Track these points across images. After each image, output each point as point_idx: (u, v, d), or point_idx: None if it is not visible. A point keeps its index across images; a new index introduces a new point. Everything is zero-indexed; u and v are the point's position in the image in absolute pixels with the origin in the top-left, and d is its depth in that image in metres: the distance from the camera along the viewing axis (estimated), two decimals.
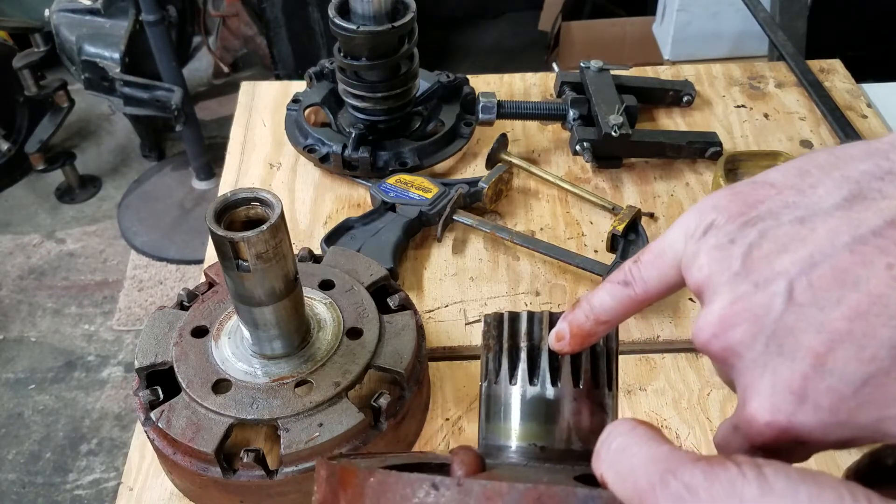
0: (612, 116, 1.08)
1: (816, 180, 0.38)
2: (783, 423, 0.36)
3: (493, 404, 0.47)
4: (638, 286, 0.43)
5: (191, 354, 0.76)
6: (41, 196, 3.02)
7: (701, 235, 0.40)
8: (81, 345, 2.46)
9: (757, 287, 0.37)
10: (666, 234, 0.43)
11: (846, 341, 0.34)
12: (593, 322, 0.45)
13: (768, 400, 0.36)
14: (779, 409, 0.36)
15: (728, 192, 0.40)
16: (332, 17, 1.03)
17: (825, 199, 0.37)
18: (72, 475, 2.12)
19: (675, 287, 0.43)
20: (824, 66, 1.34)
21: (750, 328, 0.37)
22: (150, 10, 2.40)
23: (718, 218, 0.39)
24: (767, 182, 0.40)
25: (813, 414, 0.35)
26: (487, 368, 0.48)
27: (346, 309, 0.80)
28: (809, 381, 0.35)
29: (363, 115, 1.13)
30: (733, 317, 0.37)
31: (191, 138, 2.76)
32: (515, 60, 3.48)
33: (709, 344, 0.38)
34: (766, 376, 0.36)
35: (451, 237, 1.04)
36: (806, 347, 0.35)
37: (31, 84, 2.73)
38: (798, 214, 0.37)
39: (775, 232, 0.37)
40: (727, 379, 0.41)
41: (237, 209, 0.67)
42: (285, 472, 0.71)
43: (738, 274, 0.37)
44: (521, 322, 0.47)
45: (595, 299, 0.45)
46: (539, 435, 0.45)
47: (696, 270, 0.39)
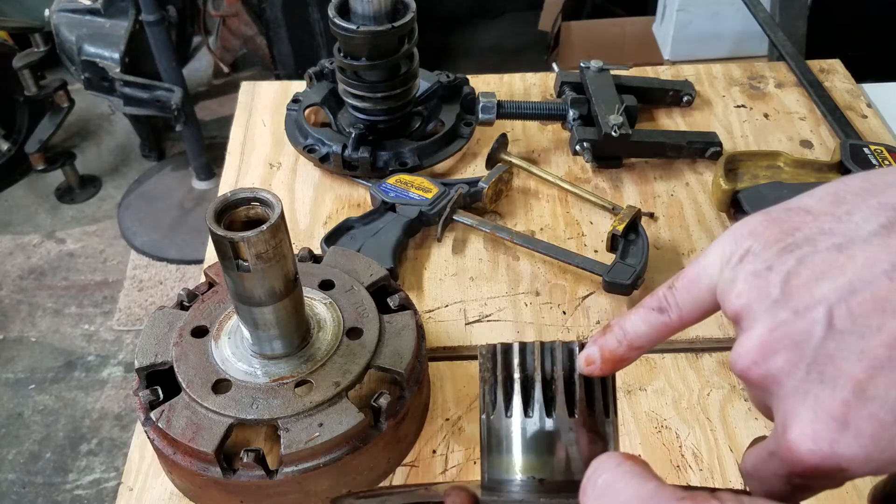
0: (612, 116, 1.08)
1: (852, 207, 0.38)
2: (825, 450, 0.35)
3: (492, 437, 0.46)
4: (673, 312, 0.43)
5: (191, 354, 0.76)
6: (41, 196, 3.02)
7: (738, 262, 0.40)
8: (81, 345, 2.46)
9: (797, 314, 0.36)
10: (700, 259, 0.42)
11: (887, 368, 0.34)
12: (626, 348, 0.45)
13: (810, 427, 0.36)
14: (821, 437, 0.35)
15: (764, 218, 0.40)
16: (332, 17, 1.03)
17: (862, 226, 0.37)
18: (72, 475, 2.12)
19: (710, 312, 0.43)
20: (824, 66, 1.34)
21: (790, 356, 0.36)
22: (150, 10, 2.40)
23: (755, 244, 0.39)
24: (803, 208, 0.39)
25: (855, 441, 0.35)
26: (484, 401, 0.47)
27: (346, 309, 0.80)
28: (851, 408, 0.35)
29: (363, 115, 1.13)
30: (773, 344, 0.37)
31: (191, 138, 2.76)
32: (515, 60, 3.48)
33: (749, 371, 0.38)
34: (807, 404, 0.36)
35: (451, 237, 1.04)
36: (847, 375, 0.35)
37: (31, 84, 2.73)
38: (835, 241, 0.37)
39: (813, 259, 0.37)
40: (763, 405, 0.41)
41: (237, 209, 0.67)
42: (285, 472, 0.71)
43: (777, 301, 0.37)
44: (514, 353, 0.46)
45: (629, 325, 0.45)
46: (537, 467, 0.44)
47: (735, 297, 0.39)
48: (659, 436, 0.81)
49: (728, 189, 1.01)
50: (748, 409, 0.83)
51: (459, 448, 0.81)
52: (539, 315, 0.94)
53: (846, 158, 1.04)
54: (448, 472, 0.79)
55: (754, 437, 0.44)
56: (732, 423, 0.82)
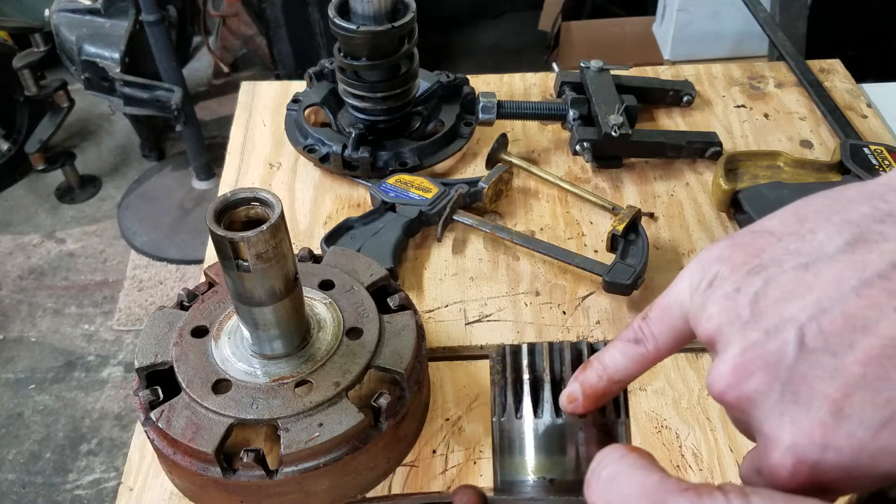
0: (612, 116, 1.08)
1: (815, 225, 0.38)
2: (806, 473, 0.35)
3: (504, 439, 0.47)
4: (649, 343, 0.44)
5: (191, 354, 0.76)
6: (41, 196, 3.02)
7: (706, 287, 0.40)
8: (81, 345, 2.46)
9: (768, 334, 0.36)
10: (670, 289, 0.43)
11: (861, 386, 0.34)
12: (606, 382, 0.45)
13: (789, 452, 0.36)
14: (801, 461, 0.35)
15: (729, 243, 0.40)
16: (332, 17, 1.03)
17: (827, 243, 0.37)
18: (72, 475, 2.12)
19: (686, 340, 0.43)
20: (824, 66, 1.34)
21: (764, 377, 0.36)
22: (150, 10, 2.40)
23: (722, 269, 0.39)
24: (767, 230, 0.40)
25: (835, 461, 0.35)
26: (495, 403, 0.47)
27: (346, 309, 0.80)
28: (828, 429, 0.35)
29: (363, 115, 1.13)
30: (747, 365, 0.37)
31: (191, 138, 2.76)
32: (515, 60, 3.48)
33: (724, 395, 0.38)
34: (784, 426, 0.36)
35: (451, 237, 1.04)
36: (822, 395, 0.35)
37: (31, 84, 2.73)
38: (801, 261, 0.37)
39: (780, 279, 0.37)
40: (744, 428, 0.41)
41: (237, 209, 0.67)
42: (285, 472, 0.71)
43: (747, 322, 0.37)
44: (522, 355, 0.47)
45: (607, 359, 0.45)
46: (548, 467, 0.45)
47: (706, 321, 0.39)
48: (659, 436, 0.81)
49: (728, 189, 1.01)
50: None
51: (459, 448, 0.81)
52: (539, 315, 0.94)
53: (846, 158, 1.04)
54: (448, 472, 0.79)
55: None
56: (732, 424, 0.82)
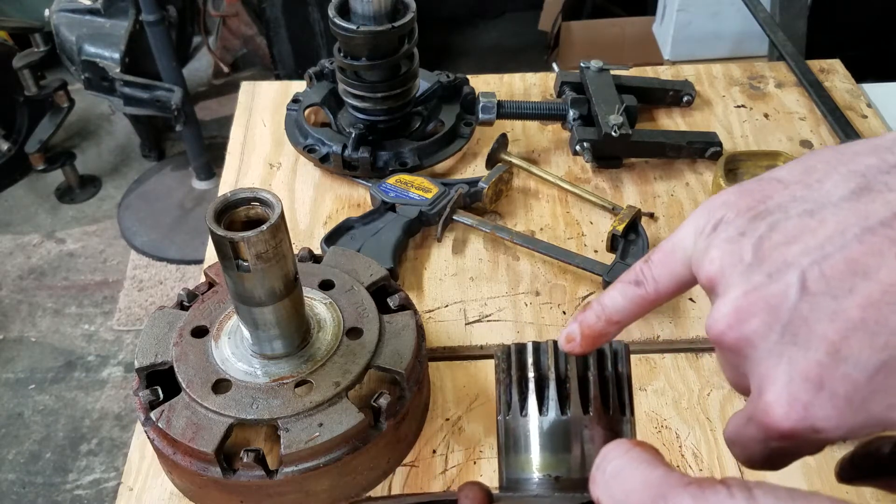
0: (612, 116, 1.08)
1: (823, 175, 0.38)
2: (800, 412, 0.36)
3: (509, 438, 0.47)
4: (650, 285, 0.44)
5: (191, 354, 0.76)
6: (41, 196, 3.02)
7: (711, 231, 0.40)
8: (81, 345, 2.46)
9: (770, 277, 0.37)
10: (676, 233, 0.43)
11: (859, 329, 0.34)
12: (605, 322, 0.45)
13: (785, 389, 0.36)
14: (795, 398, 0.36)
15: (736, 189, 0.41)
16: (332, 17, 1.03)
17: (833, 192, 0.37)
18: (72, 475, 2.12)
19: (687, 285, 0.43)
20: (824, 66, 1.34)
21: (765, 318, 0.37)
22: (150, 10, 2.40)
23: (728, 213, 0.40)
24: (774, 178, 0.40)
25: (829, 403, 0.35)
26: (500, 402, 0.47)
27: (346, 309, 0.80)
28: (825, 368, 0.35)
29: (363, 115, 1.13)
30: (748, 307, 0.37)
31: (191, 138, 2.76)
32: (515, 60, 3.48)
33: (723, 335, 0.39)
34: (781, 366, 0.36)
35: (451, 237, 1.04)
36: (820, 336, 0.35)
37: (31, 84, 2.73)
38: (806, 207, 0.38)
39: (785, 224, 0.38)
40: (737, 375, 0.41)
41: (237, 209, 0.67)
42: (285, 472, 0.71)
43: (750, 265, 0.38)
44: (528, 353, 0.47)
45: (606, 299, 0.45)
46: (553, 465, 0.44)
47: (708, 263, 0.40)
48: (659, 436, 0.81)
49: None
50: None
51: (459, 448, 0.81)
52: (539, 315, 0.94)
53: None
54: (448, 472, 0.79)
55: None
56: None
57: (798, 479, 0.76)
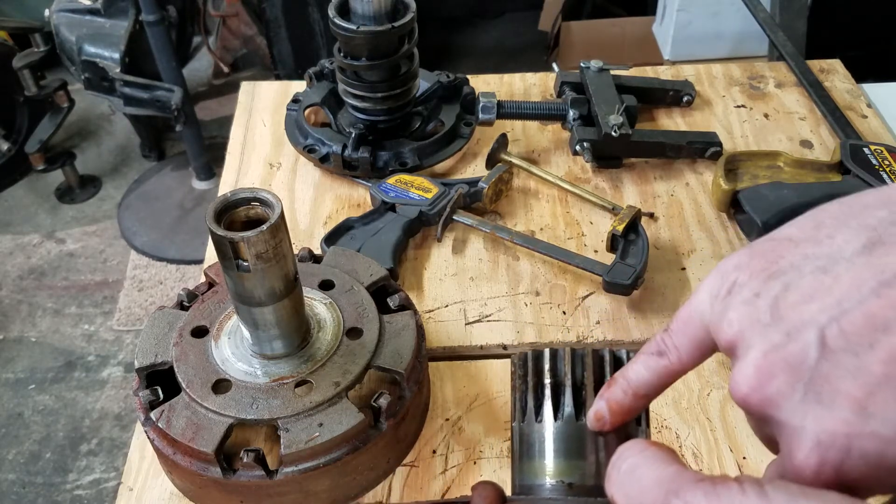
0: (612, 116, 1.08)
1: (833, 230, 0.38)
2: (831, 472, 0.35)
3: (523, 443, 0.47)
4: (672, 355, 0.44)
5: (191, 354, 0.76)
6: (41, 196, 3.02)
7: (726, 294, 0.40)
8: (81, 345, 2.46)
9: (789, 336, 0.37)
10: (691, 300, 0.43)
11: (884, 385, 0.34)
12: (632, 397, 0.45)
13: (814, 452, 0.36)
14: (825, 461, 0.35)
15: (747, 251, 0.41)
16: (332, 17, 1.03)
17: (845, 247, 0.37)
18: (72, 475, 2.12)
19: (709, 351, 0.43)
20: (824, 66, 1.34)
21: (787, 378, 0.36)
22: (150, 10, 2.40)
23: (741, 276, 0.40)
24: (785, 237, 0.40)
25: (860, 462, 0.35)
26: (515, 408, 0.48)
27: (346, 309, 0.80)
28: (853, 427, 0.34)
29: (363, 115, 1.13)
30: (769, 367, 0.37)
31: (191, 138, 2.76)
32: (515, 60, 3.48)
33: (747, 398, 0.38)
34: (807, 426, 0.36)
35: (451, 237, 1.04)
36: (845, 394, 0.35)
37: (31, 84, 2.73)
38: (819, 264, 0.37)
39: (799, 283, 0.37)
40: (767, 436, 0.41)
41: (237, 209, 0.67)
42: (285, 472, 0.71)
43: (768, 325, 0.37)
44: (545, 360, 0.47)
45: (631, 374, 0.45)
46: (567, 471, 0.45)
47: (727, 327, 0.39)
48: (659, 436, 0.81)
49: (728, 189, 1.01)
50: None
51: (459, 448, 0.81)
52: (539, 315, 0.94)
53: (846, 158, 1.04)
54: (448, 472, 0.79)
55: (755, 436, 0.44)
56: (732, 423, 0.82)
57: None
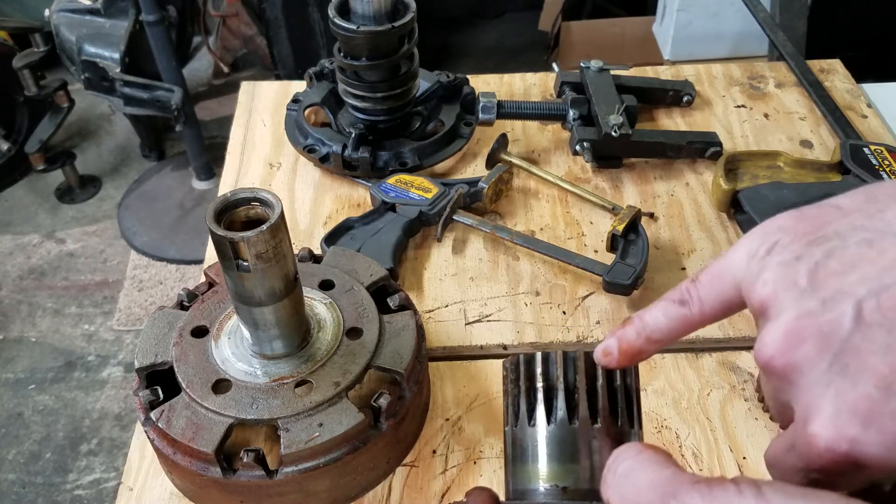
0: (612, 116, 1.08)
1: (885, 206, 0.38)
2: (845, 446, 0.35)
3: (516, 448, 0.46)
4: (694, 306, 0.43)
5: (191, 354, 0.76)
6: (41, 196, 3.02)
7: (765, 254, 0.39)
8: (81, 345, 2.46)
9: (824, 304, 0.36)
10: (727, 255, 0.42)
11: None
12: (644, 340, 0.44)
13: (831, 422, 0.35)
14: (842, 432, 0.35)
15: (794, 214, 0.40)
16: (332, 17, 1.03)
17: (894, 223, 0.37)
18: (72, 475, 2.12)
19: (733, 308, 0.42)
20: (824, 66, 1.34)
21: (816, 345, 0.36)
22: (150, 10, 2.40)
23: (784, 238, 0.39)
24: (834, 205, 0.39)
25: (877, 438, 0.34)
26: (508, 413, 0.47)
27: (346, 309, 0.80)
28: (874, 403, 0.34)
29: (363, 115, 1.13)
30: (800, 332, 0.36)
31: (191, 138, 2.76)
32: (515, 60, 3.48)
33: (772, 360, 0.38)
34: (828, 396, 0.35)
35: (451, 237, 1.04)
36: (872, 369, 0.34)
37: (31, 84, 2.73)
38: (865, 237, 0.37)
39: (842, 252, 0.37)
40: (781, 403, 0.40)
41: (237, 209, 0.67)
42: (285, 472, 0.71)
43: (805, 290, 0.37)
44: (536, 364, 0.47)
45: (648, 317, 0.44)
46: (561, 475, 0.44)
47: (761, 286, 0.39)
48: (659, 436, 0.81)
49: (728, 189, 1.01)
50: (748, 409, 0.83)
51: (459, 448, 0.81)
52: (539, 315, 0.94)
53: (846, 158, 1.04)
54: (448, 472, 0.79)
55: (755, 436, 0.44)
56: (732, 423, 0.82)
57: None
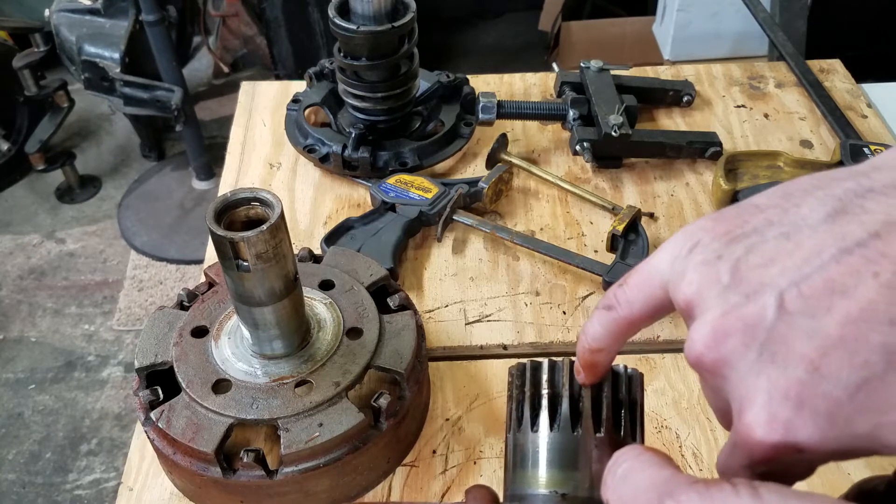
0: (612, 116, 1.08)
1: (800, 200, 0.39)
2: (780, 431, 0.35)
3: (517, 453, 0.47)
4: (622, 309, 0.44)
5: (191, 354, 0.76)
6: (41, 196, 3.02)
7: (687, 254, 0.40)
8: (81, 345, 2.46)
9: (748, 298, 0.37)
10: (651, 258, 0.43)
11: (839, 347, 0.34)
12: (589, 352, 0.45)
13: (764, 409, 0.36)
14: (775, 418, 0.35)
15: (714, 215, 0.41)
16: (332, 17, 1.03)
17: (809, 215, 0.37)
18: (72, 475, 2.12)
19: (662, 310, 0.43)
20: (824, 66, 1.34)
21: (743, 338, 0.37)
22: (150, 10, 2.40)
23: (704, 237, 0.40)
24: (752, 204, 0.40)
25: (810, 420, 0.35)
26: (511, 418, 0.48)
27: (346, 309, 0.80)
28: (805, 386, 0.34)
29: (363, 115, 1.13)
30: (726, 327, 0.37)
31: (191, 138, 2.76)
32: (515, 60, 3.48)
33: (702, 357, 0.38)
34: (760, 385, 0.36)
35: (451, 237, 1.04)
36: (799, 354, 0.35)
37: (31, 84, 2.73)
38: (783, 230, 0.38)
39: (762, 247, 0.38)
40: (719, 400, 0.41)
41: (237, 209, 0.67)
42: (285, 472, 0.71)
43: (727, 286, 0.38)
44: (543, 371, 0.47)
45: (588, 327, 0.46)
46: (561, 482, 0.44)
47: (686, 286, 0.40)
48: (659, 436, 0.81)
49: (728, 189, 1.01)
50: None
51: (459, 448, 0.81)
52: (539, 315, 0.94)
53: (846, 158, 1.04)
54: (448, 472, 0.79)
55: None
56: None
57: None
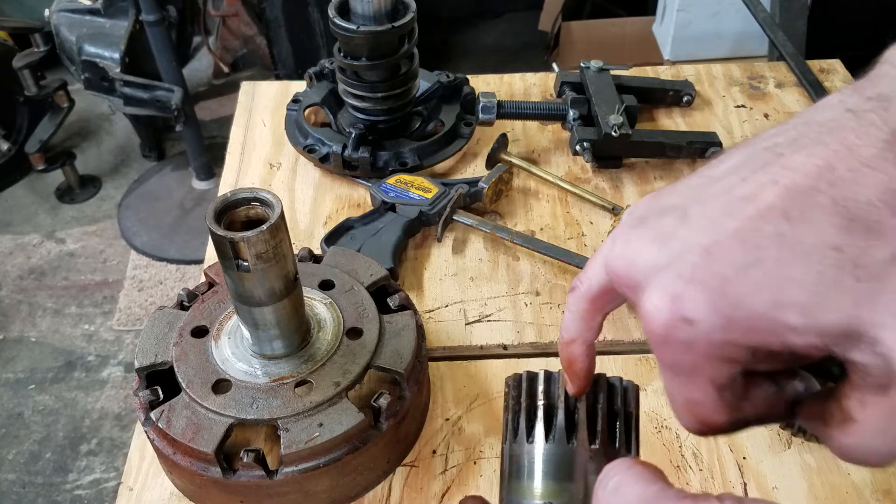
0: (612, 116, 1.08)
1: (718, 162, 0.42)
2: (669, 303, 0.37)
3: (512, 463, 0.47)
4: (583, 287, 0.46)
5: (191, 354, 0.76)
6: (41, 196, 3.02)
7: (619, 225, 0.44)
8: (81, 345, 2.46)
9: (658, 216, 0.40)
10: None
11: (733, 238, 0.36)
12: (564, 345, 0.47)
13: (657, 289, 0.38)
14: (665, 292, 0.37)
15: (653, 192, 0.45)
16: (332, 17, 1.03)
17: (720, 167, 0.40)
18: (72, 475, 2.12)
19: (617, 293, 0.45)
20: (824, 66, 1.34)
21: (651, 247, 0.39)
22: (150, 10, 2.40)
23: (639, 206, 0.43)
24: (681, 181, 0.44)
25: (700, 293, 0.36)
26: (507, 429, 0.48)
27: (346, 309, 0.80)
28: (697, 268, 0.37)
29: (363, 115, 1.13)
30: (637, 241, 0.40)
31: (191, 138, 2.76)
32: (515, 60, 3.48)
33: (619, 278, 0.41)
34: (659, 277, 0.38)
35: (451, 237, 1.04)
36: (694, 244, 0.37)
37: (31, 84, 2.73)
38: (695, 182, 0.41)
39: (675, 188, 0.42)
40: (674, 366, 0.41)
41: (237, 209, 0.67)
42: (285, 472, 0.71)
43: (641, 217, 0.41)
44: (539, 382, 0.47)
45: (562, 323, 0.48)
46: (555, 493, 0.45)
47: (609, 239, 0.43)
48: (659, 436, 0.81)
49: None
50: None
51: (459, 448, 0.81)
52: (539, 315, 0.94)
53: None
54: (448, 472, 0.79)
55: (755, 436, 0.44)
56: None
57: (797, 478, 0.76)
